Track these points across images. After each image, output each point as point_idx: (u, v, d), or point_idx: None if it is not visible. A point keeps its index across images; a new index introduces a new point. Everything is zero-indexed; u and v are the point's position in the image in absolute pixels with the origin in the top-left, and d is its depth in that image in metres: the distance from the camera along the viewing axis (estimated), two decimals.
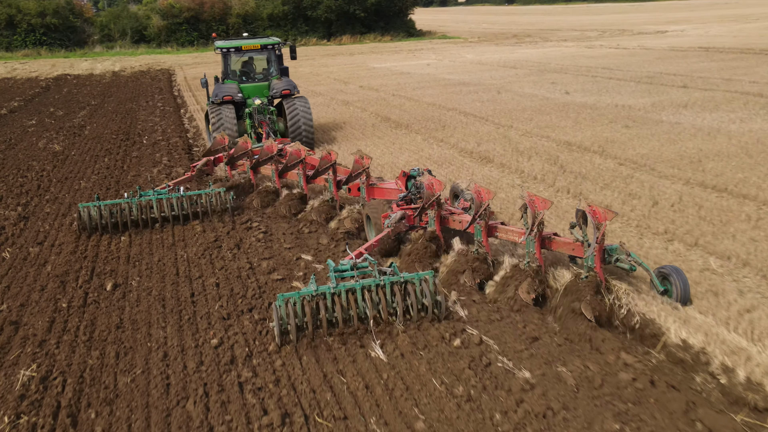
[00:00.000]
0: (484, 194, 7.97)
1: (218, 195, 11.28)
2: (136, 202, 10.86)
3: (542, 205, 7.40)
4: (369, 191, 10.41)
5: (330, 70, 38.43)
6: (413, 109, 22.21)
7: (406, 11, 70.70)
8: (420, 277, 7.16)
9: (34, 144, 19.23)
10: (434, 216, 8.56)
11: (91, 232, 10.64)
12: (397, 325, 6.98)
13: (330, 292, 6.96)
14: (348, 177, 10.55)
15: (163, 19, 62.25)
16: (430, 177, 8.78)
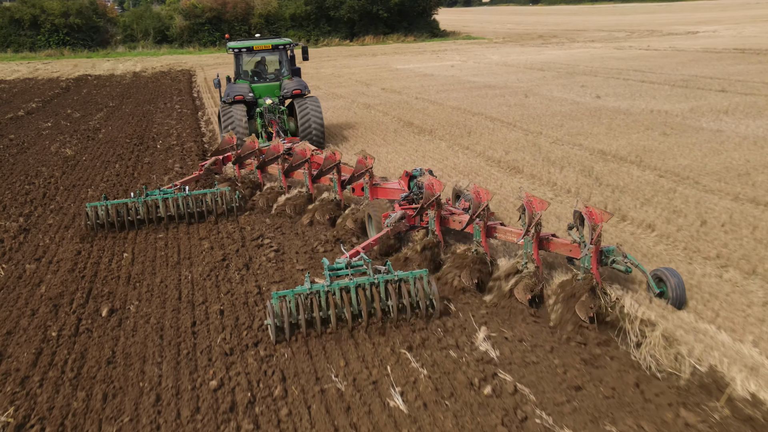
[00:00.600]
0: (483, 195, 7.94)
1: (223, 194, 11.28)
2: (143, 201, 10.90)
3: (540, 206, 7.38)
4: (372, 191, 10.46)
5: (352, 72, 37.67)
6: (437, 113, 21.34)
7: (429, 11, 69.75)
8: (415, 275, 7.17)
9: (47, 148, 18.70)
10: (434, 216, 8.51)
11: (98, 230, 10.79)
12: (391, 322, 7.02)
13: (324, 290, 6.98)
14: (351, 177, 10.51)
15: (185, 19, 62.01)
16: (431, 177, 8.72)
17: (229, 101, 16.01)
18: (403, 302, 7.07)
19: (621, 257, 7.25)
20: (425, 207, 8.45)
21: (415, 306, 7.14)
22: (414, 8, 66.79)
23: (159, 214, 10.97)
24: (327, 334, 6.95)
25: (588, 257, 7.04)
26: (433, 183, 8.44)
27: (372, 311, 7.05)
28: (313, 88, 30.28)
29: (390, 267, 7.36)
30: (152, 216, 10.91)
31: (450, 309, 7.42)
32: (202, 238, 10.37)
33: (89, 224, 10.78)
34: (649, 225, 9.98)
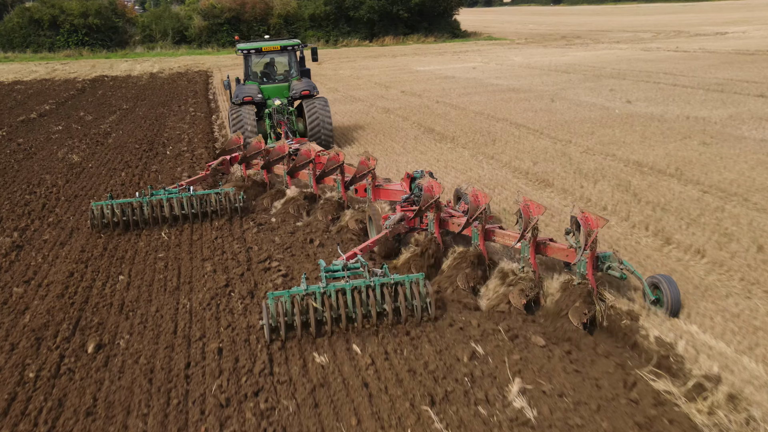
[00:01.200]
0: (481, 197, 7.92)
1: (227, 195, 11.27)
2: (147, 201, 10.94)
3: (536, 211, 7.36)
4: (375, 192, 10.44)
5: (371, 74, 36.80)
6: (459, 118, 20.38)
7: (450, 11, 68.66)
8: (411, 279, 7.17)
9: (54, 153, 18.04)
10: (433, 218, 8.52)
11: (103, 229, 10.84)
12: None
13: (320, 291, 7.00)
14: (353, 178, 10.47)
15: (204, 19, 61.55)
16: (430, 180, 8.70)
17: (239, 102, 16.02)
18: (399, 305, 7.08)
19: (617, 263, 7.15)
20: (423, 209, 8.43)
21: (411, 309, 7.14)
22: (435, 8, 65.73)
23: (164, 213, 10.97)
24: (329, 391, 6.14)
25: (584, 263, 7.01)
26: (433, 185, 8.39)
27: (367, 314, 7.06)
28: (331, 91, 29.46)
29: (386, 270, 7.31)
30: (157, 216, 10.94)
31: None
32: (205, 258, 9.54)
33: (94, 223, 10.81)
34: (698, 250, 8.97)
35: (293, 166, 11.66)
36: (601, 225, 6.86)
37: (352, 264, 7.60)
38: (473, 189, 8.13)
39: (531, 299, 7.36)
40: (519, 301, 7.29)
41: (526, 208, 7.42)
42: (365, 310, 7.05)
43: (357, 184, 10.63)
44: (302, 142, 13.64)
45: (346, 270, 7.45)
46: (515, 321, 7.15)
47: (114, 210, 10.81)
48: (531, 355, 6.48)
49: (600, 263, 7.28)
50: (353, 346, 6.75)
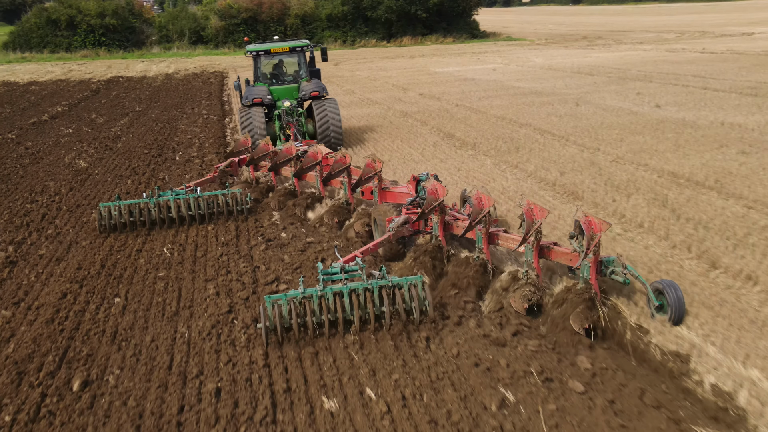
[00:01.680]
0: (485, 200, 7.83)
1: (235, 196, 11.29)
2: (155, 201, 10.93)
3: (540, 214, 7.26)
4: (381, 195, 10.37)
5: (389, 75, 36.04)
6: (480, 123, 19.56)
7: (469, 11, 67.67)
8: (409, 281, 7.09)
9: (61, 158, 17.48)
10: (438, 222, 8.45)
11: (111, 230, 10.85)
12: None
13: (317, 294, 6.96)
14: (358, 180, 10.31)
15: (221, 19, 61.13)
16: (435, 182, 8.57)
17: (248, 104, 16.02)
18: (397, 308, 7.01)
19: (620, 268, 7.02)
20: (426, 213, 8.34)
21: (410, 312, 7.04)
22: (453, 8, 64.80)
23: (171, 214, 10.97)
24: None
25: (587, 267, 6.93)
26: (437, 188, 8.31)
27: (365, 316, 6.99)
28: (348, 93, 28.76)
29: (384, 272, 7.23)
30: (164, 216, 10.94)
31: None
32: (209, 279, 8.83)
33: (102, 224, 10.80)
34: (749, 276, 8.11)
35: (300, 168, 11.54)
36: (604, 229, 6.74)
37: (350, 267, 7.54)
38: (477, 192, 8.00)
39: (534, 304, 7.25)
40: (521, 305, 7.18)
41: (529, 212, 7.32)
42: (363, 313, 6.98)
43: (363, 186, 10.47)
44: (311, 144, 13.48)
45: (343, 273, 7.39)
46: (549, 359, 6.36)
47: (121, 211, 10.80)
48: (569, 404, 5.69)
49: (603, 268, 7.15)
50: (366, 390, 6.00)
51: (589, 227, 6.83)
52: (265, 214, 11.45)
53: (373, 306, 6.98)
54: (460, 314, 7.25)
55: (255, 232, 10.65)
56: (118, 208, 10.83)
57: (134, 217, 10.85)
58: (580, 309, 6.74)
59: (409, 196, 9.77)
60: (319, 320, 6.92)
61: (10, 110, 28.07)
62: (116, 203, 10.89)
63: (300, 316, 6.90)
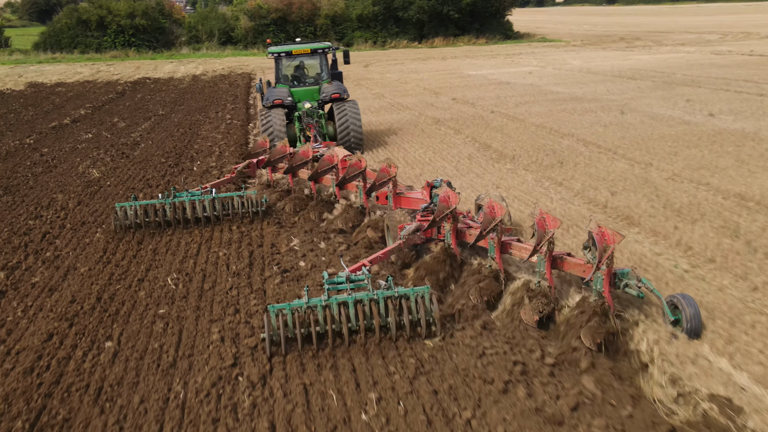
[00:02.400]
0: (497, 209, 7.70)
1: (250, 198, 11.26)
2: (170, 202, 10.94)
3: (552, 224, 7.07)
4: (396, 200, 10.17)
5: (420, 78, 34.81)
6: (518, 132, 18.24)
7: (503, 12, 66.11)
8: (416, 292, 6.96)
9: (75, 167, 16.61)
10: (450, 229, 8.28)
11: (126, 231, 10.92)
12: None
13: (322, 304, 6.83)
14: (372, 185, 10.06)
15: (250, 20, 60.50)
16: (447, 189, 8.43)
17: (269, 105, 16.05)
18: (403, 319, 6.85)
19: (635, 281, 6.83)
20: (437, 220, 8.14)
21: (416, 324, 6.92)
22: (487, 9, 63.31)
23: (186, 215, 10.97)
24: None
25: (600, 279, 6.72)
26: (449, 196, 8.18)
27: (370, 327, 6.84)
28: (377, 97, 27.62)
29: (391, 282, 7.10)
30: (179, 217, 10.95)
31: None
32: (214, 320, 7.72)
33: (117, 224, 10.87)
34: None
35: (315, 171, 11.32)
36: (617, 241, 6.55)
37: (356, 276, 7.39)
38: (489, 200, 7.87)
39: (545, 315, 7.02)
40: (531, 317, 6.98)
41: (541, 221, 7.10)
42: (368, 324, 6.84)
43: (378, 191, 10.27)
44: (330, 146, 13.26)
45: (349, 282, 7.24)
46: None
47: (137, 211, 10.83)
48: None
49: (617, 280, 6.92)
50: None
51: (602, 239, 6.59)
52: (283, 239, 10.34)
53: (379, 317, 6.83)
54: (507, 379, 6.04)
55: (270, 259, 9.55)
56: (134, 208, 10.86)
57: (150, 217, 10.87)
58: (593, 323, 6.50)
59: (423, 202, 9.58)
60: (323, 330, 6.81)
61: (33, 113, 27.52)
62: (132, 203, 10.90)
63: (304, 326, 6.79)
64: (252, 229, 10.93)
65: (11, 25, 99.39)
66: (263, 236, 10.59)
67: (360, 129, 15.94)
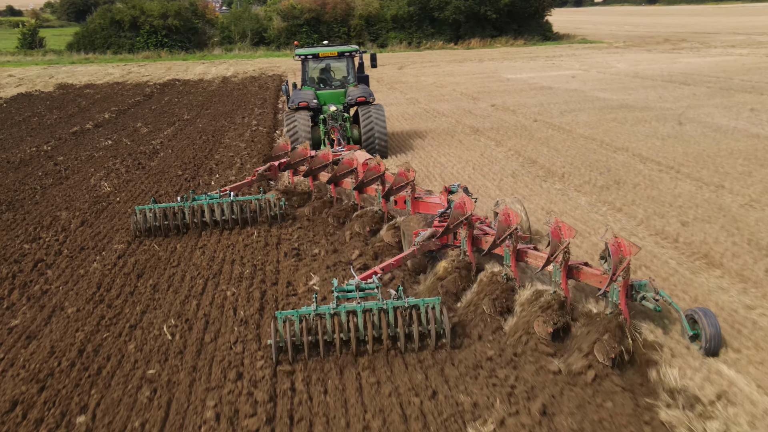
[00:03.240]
0: (512, 217, 7.46)
1: (268, 201, 11.20)
2: (189, 205, 10.91)
3: (568, 233, 6.85)
4: (414, 204, 10.02)
5: (456, 81, 33.26)
6: (565, 145, 16.62)
7: (542, 12, 64.04)
8: (426, 302, 6.83)
9: (87, 179, 15.52)
10: (466, 236, 8.10)
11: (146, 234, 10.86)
12: None
13: (330, 312, 6.70)
14: (389, 189, 9.94)
15: (283, 20, 59.50)
16: (463, 196, 8.22)
17: (294, 107, 16.00)
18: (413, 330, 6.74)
19: (652, 293, 6.61)
20: (451, 227, 8.03)
21: (426, 335, 6.79)
22: (525, 9, 61.32)
23: (204, 218, 10.94)
24: None
25: (616, 291, 6.50)
26: (465, 202, 7.99)
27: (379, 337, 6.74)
28: (412, 102, 26.19)
29: (401, 292, 7.02)
30: (197, 220, 10.90)
31: None
32: (211, 388, 6.37)
33: (137, 227, 10.81)
34: None
35: (334, 175, 11.24)
36: (634, 252, 6.41)
37: (366, 284, 7.22)
38: (505, 207, 7.71)
39: (559, 327, 6.80)
40: (544, 329, 6.77)
41: (556, 231, 6.90)
42: (377, 334, 6.73)
43: (396, 195, 10.12)
44: (353, 150, 13.06)
45: (358, 290, 7.10)
46: None
47: (156, 214, 10.76)
48: None
49: (634, 292, 6.72)
50: None
51: (618, 250, 6.42)
52: (301, 275, 8.99)
53: (388, 327, 6.72)
54: None
55: (285, 302, 8.20)
56: (153, 211, 10.78)
57: (168, 220, 10.79)
58: (607, 336, 6.30)
59: (441, 208, 9.39)
60: (330, 339, 6.70)
61: (57, 116, 26.76)
62: (151, 206, 10.83)
63: (311, 334, 6.69)
64: (267, 262, 9.60)
65: (50, 25, 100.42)
66: (279, 271, 9.26)
67: (385, 133, 15.71)
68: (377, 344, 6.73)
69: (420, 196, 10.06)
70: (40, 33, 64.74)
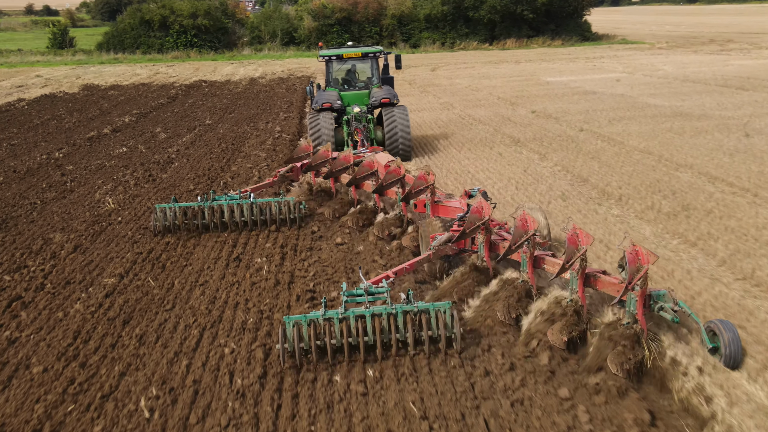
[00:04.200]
0: (530, 222, 7.29)
1: (288, 204, 11.12)
2: (209, 205, 10.94)
3: (585, 240, 6.75)
4: (434, 208, 9.82)
5: (492, 84, 31.51)
6: (618, 160, 14.86)
7: (581, 11, 61.75)
8: (436, 307, 6.73)
9: (92, 193, 14.28)
10: (483, 241, 7.89)
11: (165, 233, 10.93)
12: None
13: (338, 317, 6.65)
14: (407, 193, 9.82)
15: (314, 20, 58.22)
16: (481, 200, 8.08)
17: (317, 108, 15.90)
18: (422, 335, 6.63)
19: (671, 304, 6.36)
20: (467, 232, 7.76)
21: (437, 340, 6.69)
22: (563, 8, 59.12)
23: (223, 219, 10.96)
24: None
25: (634, 301, 6.29)
26: (483, 207, 7.83)
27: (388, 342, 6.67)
28: (446, 108, 24.56)
29: (411, 296, 6.91)
30: (216, 221, 10.94)
31: None
32: None
33: (157, 225, 10.90)
34: None
35: (353, 177, 11.15)
36: (651, 261, 6.17)
37: (376, 288, 7.10)
38: (523, 212, 7.52)
39: (575, 336, 6.57)
40: (559, 338, 6.51)
41: (573, 237, 6.77)
42: (386, 339, 6.66)
43: (416, 199, 9.96)
44: (376, 151, 13.05)
45: (367, 295, 6.95)
46: None
47: (176, 213, 10.85)
48: None
49: (652, 302, 6.47)
50: None
51: (635, 258, 6.25)
52: None
53: (396, 332, 6.67)
54: None
55: (297, 377, 6.69)
56: (174, 210, 10.87)
57: (188, 219, 10.85)
58: (621, 347, 6.11)
59: (461, 211, 9.34)
60: (339, 343, 6.62)
61: (77, 119, 25.76)
62: (171, 205, 10.94)
63: (320, 338, 6.61)
64: (276, 307, 8.11)
65: (84, 24, 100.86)
66: None
67: (408, 135, 15.56)
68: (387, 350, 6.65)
69: (440, 200, 9.89)
70: (71, 33, 64.48)
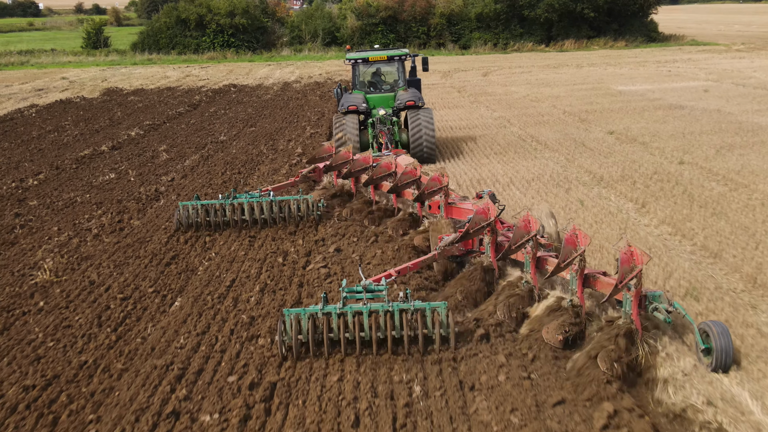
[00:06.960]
0: (532, 223, 7.45)
1: (306, 202, 11.23)
2: (230, 203, 11.08)
3: (584, 241, 6.86)
4: (447, 210, 9.91)
5: (554, 93, 27.30)
6: (753, 218, 10.67)
7: (647, 10, 56.63)
8: (432, 307, 6.93)
9: (33, 249, 10.86)
10: (489, 242, 8.09)
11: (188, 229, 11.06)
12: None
13: (336, 312, 6.91)
14: (420, 193, 9.88)
15: (358, 19, 54.60)
16: (488, 202, 8.25)
17: (343, 111, 16.16)
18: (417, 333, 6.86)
19: (665, 305, 6.47)
20: (471, 233, 8.00)
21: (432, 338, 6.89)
22: (627, 7, 54.13)
23: (244, 216, 11.08)
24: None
25: (629, 301, 6.47)
26: (489, 208, 8.01)
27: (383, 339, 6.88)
28: (503, 125, 20.54)
29: (408, 295, 7.09)
30: (237, 218, 11.07)
31: None
32: None
33: (179, 221, 11.05)
34: None
35: (370, 178, 11.31)
36: (645, 261, 6.26)
37: (374, 286, 7.29)
38: (526, 213, 7.55)
39: (571, 335, 6.69)
40: (554, 337, 6.67)
41: (571, 238, 6.86)
42: (382, 335, 6.84)
43: (430, 200, 10.01)
44: (399, 154, 13.26)
45: (366, 292, 7.14)
46: None
47: (198, 210, 11.02)
48: None
49: (647, 303, 6.58)
50: None
51: (629, 259, 6.32)
52: None
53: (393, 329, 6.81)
54: None
55: None
56: (196, 207, 11.01)
57: (210, 217, 11.01)
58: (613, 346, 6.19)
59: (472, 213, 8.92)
60: (336, 338, 6.84)
61: (78, 132, 22.78)
62: (194, 203, 11.06)
63: (318, 332, 6.83)
64: None
65: (130, 23, 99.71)
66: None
67: (433, 137, 15.64)
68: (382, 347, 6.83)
69: (454, 202, 9.95)
70: (107, 32, 62.34)
